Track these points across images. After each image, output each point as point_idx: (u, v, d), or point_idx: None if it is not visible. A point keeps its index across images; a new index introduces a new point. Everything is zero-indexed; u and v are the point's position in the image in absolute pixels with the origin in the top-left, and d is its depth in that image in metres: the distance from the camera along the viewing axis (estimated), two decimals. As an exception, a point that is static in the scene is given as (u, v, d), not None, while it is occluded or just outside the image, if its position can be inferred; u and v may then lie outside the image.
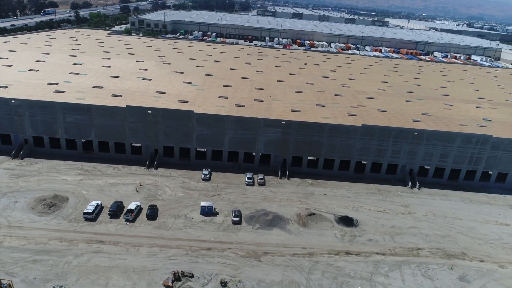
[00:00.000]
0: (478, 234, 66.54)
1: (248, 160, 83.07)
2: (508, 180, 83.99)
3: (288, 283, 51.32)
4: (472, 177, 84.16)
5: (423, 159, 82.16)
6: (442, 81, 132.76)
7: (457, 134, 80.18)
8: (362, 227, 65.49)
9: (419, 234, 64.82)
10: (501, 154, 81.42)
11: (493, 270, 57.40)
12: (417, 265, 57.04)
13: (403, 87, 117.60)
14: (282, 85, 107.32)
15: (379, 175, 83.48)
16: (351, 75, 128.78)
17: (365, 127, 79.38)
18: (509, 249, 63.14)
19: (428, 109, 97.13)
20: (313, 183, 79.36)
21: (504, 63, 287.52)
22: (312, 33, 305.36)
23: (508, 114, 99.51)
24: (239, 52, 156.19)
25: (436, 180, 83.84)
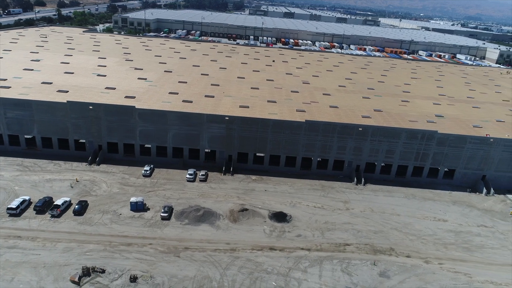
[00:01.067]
0: (413, 230, 65.89)
1: (194, 157, 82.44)
2: (456, 177, 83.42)
3: (201, 279, 50.66)
4: (420, 173, 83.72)
5: (369, 155, 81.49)
6: (408, 78, 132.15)
7: (402, 129, 79.53)
8: (294, 222, 64.86)
9: (351, 230, 64.19)
10: (448, 150, 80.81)
11: (417, 266, 56.76)
12: (340, 260, 56.39)
13: (366, 84, 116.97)
14: (240, 82, 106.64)
15: (326, 172, 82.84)
16: (316, 72, 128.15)
17: (308, 122, 78.72)
18: (440, 244, 62.54)
19: (382, 105, 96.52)
20: (257, 179, 78.69)
21: (487, 62, 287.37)
22: (297, 32, 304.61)
23: (463, 111, 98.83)
24: (211, 50, 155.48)
25: (383, 176, 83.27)
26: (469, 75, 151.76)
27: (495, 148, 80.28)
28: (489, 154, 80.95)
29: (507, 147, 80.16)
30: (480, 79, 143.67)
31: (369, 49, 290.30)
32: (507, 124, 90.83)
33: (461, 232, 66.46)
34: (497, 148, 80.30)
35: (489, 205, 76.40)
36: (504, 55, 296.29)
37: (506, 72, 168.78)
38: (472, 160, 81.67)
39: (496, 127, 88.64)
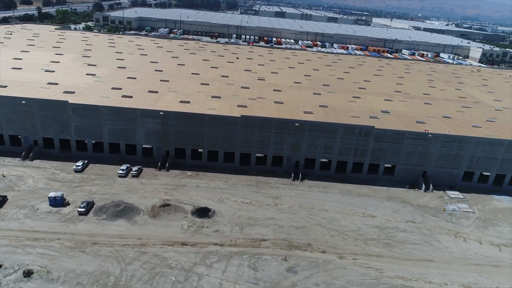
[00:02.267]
0: (337, 225, 65.07)
1: (132, 152, 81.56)
2: (396, 173, 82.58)
3: (99, 274, 49.75)
4: (360, 169, 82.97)
5: (307, 151, 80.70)
6: (370, 75, 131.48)
7: (339, 125, 78.74)
8: (216, 218, 64.02)
9: (273, 225, 63.35)
10: (386, 146, 79.98)
11: (329, 261, 55.93)
12: (251, 256, 55.55)
13: (323, 81, 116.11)
14: (193, 78, 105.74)
15: (265, 168, 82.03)
16: (278, 69, 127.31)
17: (244, 117, 77.85)
18: (361, 240, 61.73)
19: (330, 101, 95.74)
20: (192, 175, 77.85)
21: (469, 61, 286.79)
22: (280, 31, 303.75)
23: (413, 107, 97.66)
24: (178, 47, 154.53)
25: (323, 172, 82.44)
26: (436, 72, 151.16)
27: (434, 144, 79.51)
28: (428, 150, 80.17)
29: (446, 142, 79.43)
30: (446, 77, 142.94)
31: (351, 48, 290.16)
32: (453, 120, 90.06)
33: (387, 228, 65.66)
34: (435, 144, 79.52)
35: (424, 201, 75.62)
36: (487, 54, 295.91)
37: (477, 70, 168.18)
38: (411, 156, 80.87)
39: (440, 123, 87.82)
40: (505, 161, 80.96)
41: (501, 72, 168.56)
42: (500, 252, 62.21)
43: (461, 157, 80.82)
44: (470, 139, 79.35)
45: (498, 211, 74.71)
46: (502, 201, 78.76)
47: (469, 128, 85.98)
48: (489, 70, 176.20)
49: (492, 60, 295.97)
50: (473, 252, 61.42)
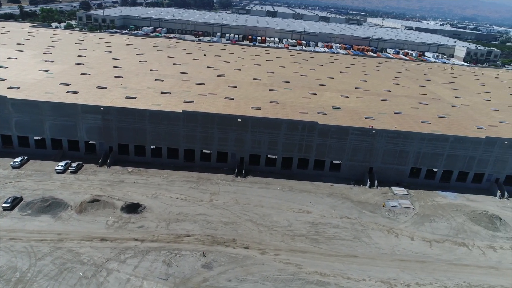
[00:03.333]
0: (268, 221, 64.27)
1: (75, 148, 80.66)
2: (342, 169, 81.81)
3: (5, 269, 48.92)
4: (306, 165, 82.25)
5: (252, 147, 79.90)
6: (336, 72, 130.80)
7: (282, 120, 77.94)
8: (145, 214, 63.16)
9: (202, 221, 62.53)
10: (331, 141, 79.30)
11: (249, 257, 55.16)
12: (169, 251, 54.70)
13: (285, 78, 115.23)
14: (150, 74, 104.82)
15: (210, 164, 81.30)
16: (242, 66, 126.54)
17: (186, 113, 77.07)
18: (289, 236, 60.95)
19: (284, 98, 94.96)
20: (133, 171, 77.01)
21: (453, 60, 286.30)
22: (264, 29, 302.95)
23: (368, 103, 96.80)
24: (148, 45, 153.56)
25: (269, 168, 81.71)
26: (407, 70, 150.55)
27: (379, 139, 78.79)
28: (373, 146, 79.48)
29: (391, 138, 78.75)
30: (415, 74, 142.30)
31: (336, 47, 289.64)
32: (404, 117, 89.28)
33: (319, 224, 64.92)
34: (380, 140, 78.80)
35: (366, 198, 74.89)
36: (471, 53, 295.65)
37: (451, 68, 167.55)
38: (357, 152, 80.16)
39: (390, 119, 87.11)
40: (451, 157, 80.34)
41: (474, 70, 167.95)
42: (430, 248, 61.47)
43: (407, 153, 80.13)
44: (414, 135, 78.66)
45: (439, 207, 74.01)
46: (446, 197, 78.06)
47: (417, 124, 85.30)
48: (464, 68, 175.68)
49: (476, 59, 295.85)
50: (401, 248, 60.72)
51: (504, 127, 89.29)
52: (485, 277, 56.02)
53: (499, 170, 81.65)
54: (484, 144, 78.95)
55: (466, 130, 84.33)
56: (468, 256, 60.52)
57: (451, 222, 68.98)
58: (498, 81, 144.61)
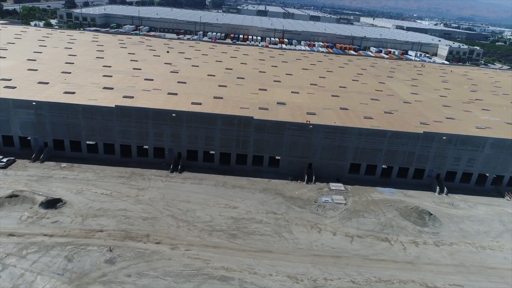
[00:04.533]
0: (190, 217, 63.34)
1: (10, 144, 79.63)
2: (281, 165, 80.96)
3: None
4: (245, 161, 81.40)
5: (189, 142, 78.99)
6: (297, 69, 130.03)
7: (217, 115, 77.00)
8: (63, 209, 62.13)
9: (120, 216, 61.46)
10: (268, 137, 78.39)
11: (157, 252, 54.08)
12: (76, 246, 53.61)
13: (241, 74, 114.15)
14: (100, 70, 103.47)
15: (148, 159, 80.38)
16: (203, 63, 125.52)
17: (119, 108, 76.09)
18: (207, 231, 59.89)
19: (231, 93, 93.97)
20: (66, 167, 76.02)
21: (435, 58, 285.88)
22: (247, 28, 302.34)
23: (317, 99, 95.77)
24: (116, 42, 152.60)
25: (208, 164, 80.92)
26: (375, 67, 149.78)
27: (316, 135, 77.97)
28: (311, 141, 78.69)
29: (328, 133, 77.94)
30: (381, 71, 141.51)
31: (318, 45, 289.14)
32: (348, 112, 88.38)
33: (242, 219, 64.02)
34: (318, 135, 77.99)
35: (300, 193, 74.04)
36: (454, 52, 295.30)
37: (421, 65, 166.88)
38: (295, 147, 79.30)
39: (333, 114, 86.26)
40: (390, 152, 79.57)
41: (444, 68, 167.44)
42: (350, 243, 60.63)
43: (345, 148, 79.30)
44: (352, 130, 77.82)
45: (373, 202, 73.19)
46: (383, 193, 77.27)
47: (359, 119, 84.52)
48: (435, 65, 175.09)
49: (459, 57, 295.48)
50: (320, 243, 59.88)
51: (449, 122, 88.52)
52: (398, 272, 55.21)
53: (439, 165, 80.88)
54: (422, 139, 78.16)
55: (408, 125, 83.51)
56: (387, 251, 59.70)
57: (380, 218, 68.17)
58: (464, 79, 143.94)
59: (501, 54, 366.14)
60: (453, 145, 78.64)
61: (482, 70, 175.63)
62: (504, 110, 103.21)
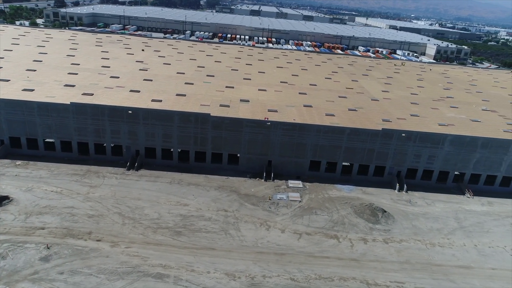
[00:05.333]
0: (138, 214, 62.58)
1: (-34, 141, 79.20)
2: (241, 162, 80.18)
3: None
4: (204, 158, 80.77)
5: (146, 139, 78.21)
6: (272, 67, 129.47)
7: (173, 112, 76.32)
8: (9, 206, 61.11)
9: (66, 214, 60.62)
10: (226, 134, 77.78)
11: (96, 250, 53.30)
12: (13, 244, 52.72)
13: (212, 71, 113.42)
14: (67, 68, 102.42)
15: (106, 157, 79.75)
16: (176, 61, 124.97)
17: (74, 105, 75.28)
18: (152, 228, 59.16)
19: (196, 91, 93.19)
20: (21, 164, 75.14)
21: (422, 57, 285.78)
22: (235, 27, 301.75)
23: (282, 97, 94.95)
24: (93, 40, 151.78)
25: (167, 162, 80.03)
26: (353, 66, 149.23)
27: (274, 132, 77.32)
28: (270, 138, 78.05)
29: (287, 130, 77.35)
30: (358, 70, 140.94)
31: (306, 44, 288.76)
32: (310, 109, 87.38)
33: (191, 217, 63.33)
34: (276, 132, 77.33)
35: (256, 191, 73.37)
36: (441, 51, 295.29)
37: (401, 64, 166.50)
38: (253, 144, 78.59)
39: (296, 112, 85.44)
40: (349, 149, 78.96)
41: (424, 66, 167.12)
42: (297, 240, 60.02)
43: (304, 145, 78.71)
44: (310, 127, 77.22)
45: (329, 200, 72.62)
46: (341, 190, 76.68)
47: (320, 116, 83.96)
48: (416, 64, 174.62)
49: (446, 56, 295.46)
50: (266, 241, 59.25)
51: (412, 119, 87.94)
52: (341, 269, 54.63)
53: (399, 163, 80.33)
54: (381, 136, 77.59)
55: (370, 122, 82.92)
56: (334, 248, 59.11)
57: (333, 215, 67.61)
58: (442, 77, 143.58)
59: (491, 54, 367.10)
60: (413, 142, 78.15)
61: (462, 68, 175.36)
62: (474, 107, 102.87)
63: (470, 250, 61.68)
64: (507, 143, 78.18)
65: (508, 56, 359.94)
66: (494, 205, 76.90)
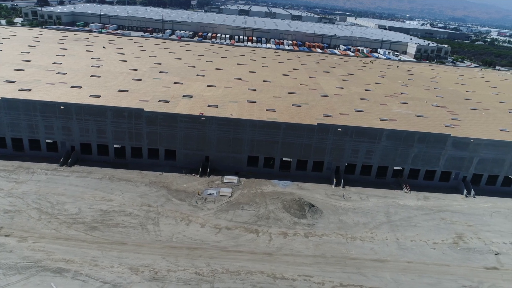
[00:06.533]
0: (57, 210, 61.69)
1: None
2: (178, 158, 79.47)
3: None
4: (141, 154, 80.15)
5: (81, 135, 77.19)
6: (231, 64, 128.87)
7: (106, 107, 75.41)
8: None
9: (-18, 209, 60.38)
10: (161, 129, 77.03)
11: (1, 244, 52.79)
12: None
13: (167, 68, 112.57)
14: (15, 65, 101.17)
15: (41, 153, 78.74)
16: (135, 58, 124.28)
17: (5, 100, 73.74)
18: (67, 223, 58.08)
19: (142, 87, 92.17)
20: (-47, 160, 74.68)
21: (402, 56, 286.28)
22: (216, 26, 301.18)
23: (229, 92, 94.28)
24: (57, 39, 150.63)
25: (103, 158, 78.80)
26: (319, 63, 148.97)
27: (210, 127, 76.71)
28: (205, 134, 77.46)
29: (222, 126, 76.71)
30: (321, 67, 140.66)
31: (286, 43, 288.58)
32: (253, 105, 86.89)
33: (112, 212, 62.55)
34: (211, 127, 76.72)
35: (188, 186, 72.60)
36: (422, 50, 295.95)
37: (370, 62, 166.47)
38: (189, 140, 77.81)
39: (237, 107, 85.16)
40: (286, 145, 78.50)
41: (392, 64, 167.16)
42: (215, 235, 59.33)
43: (241, 141, 78.20)
44: (245, 122, 76.60)
45: (260, 195, 71.95)
46: (277, 186, 76.03)
47: (260, 112, 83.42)
48: (386, 62, 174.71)
49: (427, 55, 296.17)
50: (182, 235, 58.55)
51: (355, 115, 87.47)
52: (251, 263, 54.01)
53: (337, 158, 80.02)
54: (317, 131, 77.20)
55: (310, 118, 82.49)
56: (250, 242, 58.52)
57: (260, 210, 67.03)
58: (405, 74, 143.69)
59: (474, 53, 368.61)
60: (349, 137, 77.75)
61: (432, 66, 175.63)
62: (425, 103, 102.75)
63: (391, 244, 61.36)
64: (444, 138, 77.95)
65: (491, 55, 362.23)
66: (430, 200, 76.73)
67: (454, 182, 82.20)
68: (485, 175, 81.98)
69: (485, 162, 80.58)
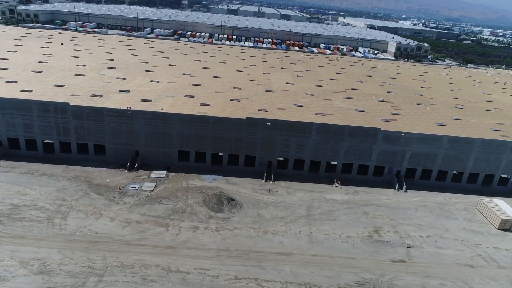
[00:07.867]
0: None
1: None
2: (108, 153, 78.08)
3: None
4: (70, 149, 79.35)
5: (7, 130, 75.87)
6: (189, 60, 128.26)
7: (31, 101, 74.17)
8: None
9: None
10: (89, 124, 75.70)
11: None
12: None
13: (119, 65, 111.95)
14: None
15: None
16: (90, 54, 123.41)
17: None
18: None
19: (81, 82, 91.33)
20: None
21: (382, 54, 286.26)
22: (196, 24, 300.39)
23: (170, 87, 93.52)
24: (17, 36, 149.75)
25: (32, 153, 77.62)
26: (282, 60, 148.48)
27: (137, 121, 75.77)
28: (134, 128, 76.50)
29: (150, 120, 75.76)
30: (281, 63, 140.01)
31: (266, 42, 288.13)
32: (188, 100, 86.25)
33: (22, 206, 61.03)
34: (138, 122, 75.77)
35: (111, 181, 71.45)
36: (401, 48, 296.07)
37: (336, 59, 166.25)
38: (118, 134, 76.87)
39: (172, 102, 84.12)
40: (217, 139, 77.60)
41: (358, 61, 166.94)
42: (122, 229, 58.51)
43: (170, 135, 77.43)
44: (173, 116, 75.78)
45: (184, 189, 71.16)
46: (205, 180, 75.21)
47: (193, 106, 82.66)
48: (352, 59, 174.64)
49: (406, 53, 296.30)
50: (87, 229, 57.71)
51: (292, 109, 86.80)
52: (149, 256, 53.03)
53: (268, 152, 79.42)
54: (246, 125, 76.63)
55: (244, 112, 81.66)
56: (156, 236, 57.75)
57: (177, 204, 66.32)
58: (366, 71, 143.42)
59: (458, 51, 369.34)
60: (279, 131, 77.20)
61: (401, 64, 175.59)
62: (372, 99, 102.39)
63: (302, 237, 60.77)
64: (374, 132, 77.51)
65: (474, 54, 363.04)
66: (359, 194, 76.22)
67: (388, 177, 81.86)
68: (419, 169, 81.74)
69: (417, 157, 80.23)
